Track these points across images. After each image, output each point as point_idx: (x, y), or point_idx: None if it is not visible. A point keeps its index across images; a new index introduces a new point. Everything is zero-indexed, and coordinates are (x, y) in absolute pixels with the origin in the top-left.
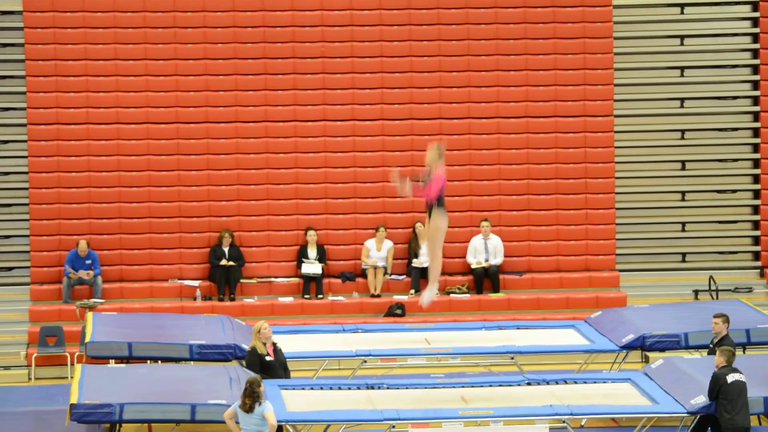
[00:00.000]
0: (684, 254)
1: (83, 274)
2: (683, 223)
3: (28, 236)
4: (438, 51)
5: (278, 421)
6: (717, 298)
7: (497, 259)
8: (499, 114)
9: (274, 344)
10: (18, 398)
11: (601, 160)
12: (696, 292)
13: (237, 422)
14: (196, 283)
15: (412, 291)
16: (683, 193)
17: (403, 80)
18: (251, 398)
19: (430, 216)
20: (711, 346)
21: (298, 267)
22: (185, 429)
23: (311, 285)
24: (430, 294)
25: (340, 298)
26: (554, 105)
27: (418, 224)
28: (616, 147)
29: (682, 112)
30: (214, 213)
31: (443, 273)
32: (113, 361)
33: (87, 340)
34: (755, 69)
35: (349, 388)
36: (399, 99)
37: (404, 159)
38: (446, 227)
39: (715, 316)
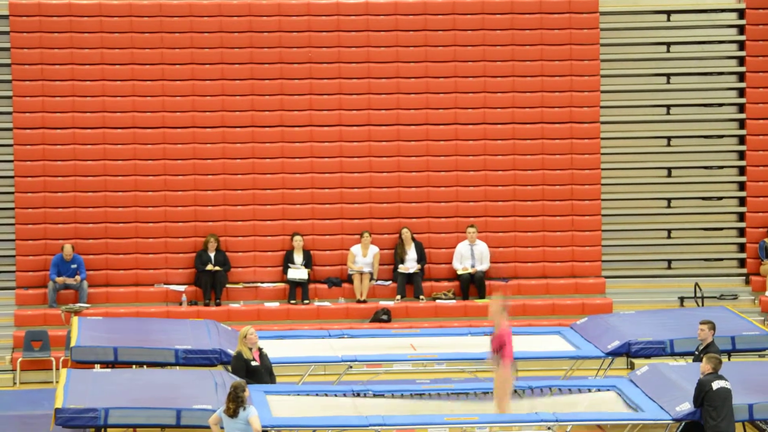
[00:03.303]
0: (670, 261)
1: (69, 280)
2: (669, 230)
3: (13, 240)
4: (425, 57)
5: (263, 427)
6: (702, 305)
7: (483, 265)
8: (485, 120)
9: (260, 349)
10: (3, 402)
11: (588, 166)
12: (681, 298)
13: (222, 427)
14: (182, 287)
15: (398, 297)
16: (669, 200)
17: (389, 86)
18: (235, 403)
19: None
20: (696, 353)
21: (284, 272)
22: None
23: (297, 290)
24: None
25: (326, 303)
26: (541, 111)
27: (404, 229)
28: (603, 154)
29: (668, 119)
30: (200, 218)
31: (429, 279)
32: (98, 365)
33: (72, 344)
34: (741, 77)
35: (335, 394)
36: (386, 105)
37: (390, 165)
38: (512, 382)
39: (701, 323)
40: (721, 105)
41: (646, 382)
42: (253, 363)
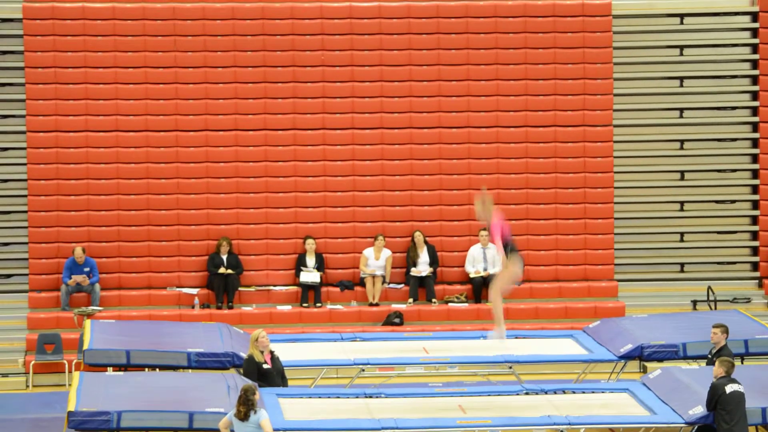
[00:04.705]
0: (682, 264)
1: (80, 278)
2: (682, 233)
3: (26, 244)
4: (437, 60)
5: (275, 430)
6: (715, 308)
7: (496, 269)
8: (498, 123)
9: (272, 352)
10: (16, 406)
11: (600, 169)
12: (694, 302)
13: (232, 431)
14: (194, 291)
15: (410, 300)
16: (682, 203)
17: (402, 89)
18: (246, 406)
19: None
20: (709, 356)
21: (297, 275)
22: None
23: (309, 293)
24: (497, 334)
25: (338, 306)
26: (554, 114)
27: (417, 232)
28: (615, 157)
29: (681, 122)
30: (213, 221)
31: (441, 282)
32: (111, 368)
33: (85, 347)
34: (754, 79)
35: (347, 397)
36: (398, 107)
37: (403, 168)
38: (520, 273)
39: (714, 327)
40: (734, 108)
41: (659, 385)
42: (265, 366)
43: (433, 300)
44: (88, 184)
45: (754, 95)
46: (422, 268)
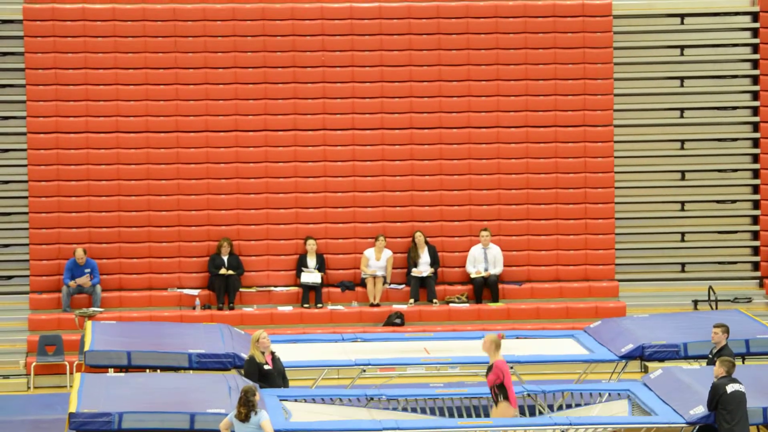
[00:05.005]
0: (683, 264)
1: (82, 280)
2: (683, 233)
3: (27, 245)
4: (438, 61)
5: (276, 431)
6: (716, 308)
7: (497, 269)
8: (499, 123)
9: (273, 353)
10: (17, 407)
11: (601, 169)
12: (695, 302)
13: None
14: (195, 292)
15: (411, 300)
16: (683, 203)
17: (403, 89)
18: (246, 407)
19: (496, 403)
20: (710, 356)
21: (298, 276)
22: None
23: (310, 294)
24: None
25: (339, 307)
26: (554, 115)
27: (418, 233)
28: (616, 157)
29: (681, 122)
30: (214, 222)
31: (442, 282)
32: (112, 370)
33: (86, 349)
34: (755, 79)
35: (349, 398)
36: (399, 108)
37: (403, 168)
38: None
39: (715, 326)
40: (735, 108)
41: (660, 385)
42: (266, 367)
43: (434, 300)
44: (88, 185)
45: (755, 95)
46: (423, 268)
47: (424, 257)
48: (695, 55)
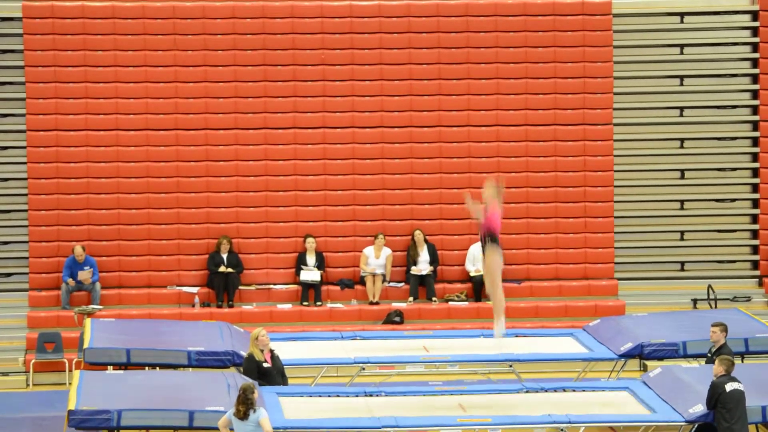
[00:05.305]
0: (683, 263)
1: (83, 275)
2: (682, 232)
3: (26, 242)
4: (438, 59)
5: (276, 428)
6: (716, 307)
7: None
8: (498, 122)
9: (272, 351)
10: (16, 404)
11: (600, 168)
12: (695, 300)
13: (232, 430)
14: (194, 289)
15: (411, 298)
16: (682, 201)
17: (402, 88)
18: (245, 405)
19: (484, 252)
20: (709, 355)
21: (297, 274)
22: None
23: (310, 292)
24: (498, 330)
25: (338, 305)
26: (554, 113)
27: (417, 231)
28: (616, 155)
29: (681, 120)
30: (213, 220)
31: (441, 281)
32: (111, 367)
33: (85, 346)
34: (755, 78)
35: (348, 396)
36: (399, 107)
37: (403, 167)
38: (501, 264)
39: (713, 325)
40: (734, 107)
41: (659, 383)
42: (265, 365)
43: (434, 298)
44: (88, 182)
45: (754, 94)
46: (422, 266)
47: (424, 255)
48: (695, 53)
